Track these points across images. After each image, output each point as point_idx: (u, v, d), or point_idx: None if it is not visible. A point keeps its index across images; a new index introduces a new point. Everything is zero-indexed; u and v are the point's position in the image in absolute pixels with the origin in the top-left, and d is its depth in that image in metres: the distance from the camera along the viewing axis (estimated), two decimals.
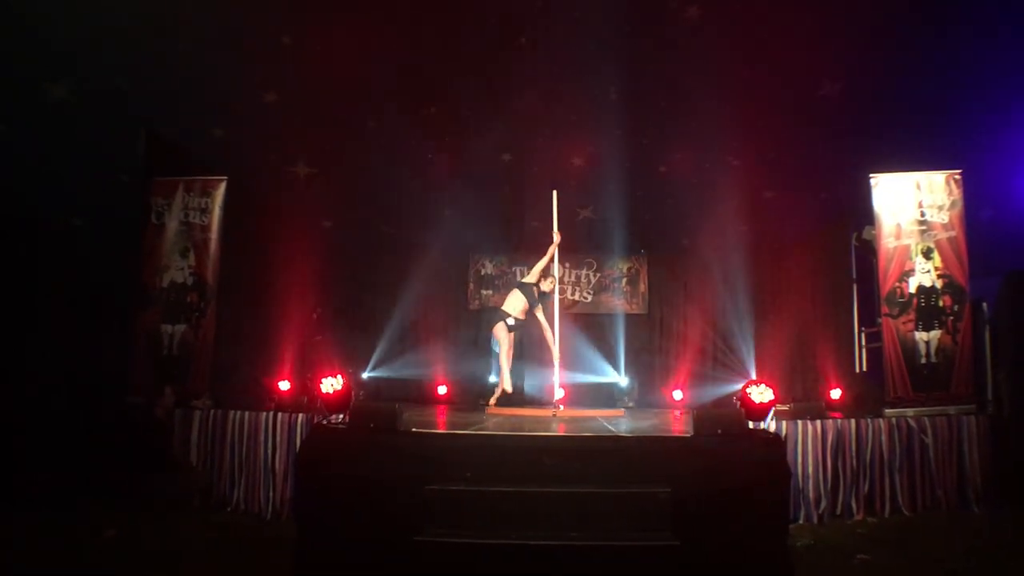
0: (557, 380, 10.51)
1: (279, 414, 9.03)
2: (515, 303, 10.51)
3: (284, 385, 10.65)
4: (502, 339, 10.49)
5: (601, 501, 6.11)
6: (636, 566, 5.80)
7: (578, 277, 14.81)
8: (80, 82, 10.34)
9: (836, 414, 9.66)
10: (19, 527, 7.71)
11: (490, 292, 14.75)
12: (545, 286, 10.57)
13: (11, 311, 9.82)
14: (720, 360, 13.99)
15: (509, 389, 10.61)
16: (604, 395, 13.64)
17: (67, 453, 8.99)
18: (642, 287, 14.75)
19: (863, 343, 11.71)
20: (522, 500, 6.08)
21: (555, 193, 10.50)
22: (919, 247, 9.96)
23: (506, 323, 10.47)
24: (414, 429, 6.86)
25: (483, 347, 14.21)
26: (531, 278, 10.55)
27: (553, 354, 10.46)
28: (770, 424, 8.45)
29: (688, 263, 14.59)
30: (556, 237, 10.42)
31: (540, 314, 10.54)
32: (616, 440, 6.83)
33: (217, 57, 10.38)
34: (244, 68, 10.78)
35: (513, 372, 10.92)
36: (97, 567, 6.77)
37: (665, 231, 14.21)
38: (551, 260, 10.44)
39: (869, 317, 11.26)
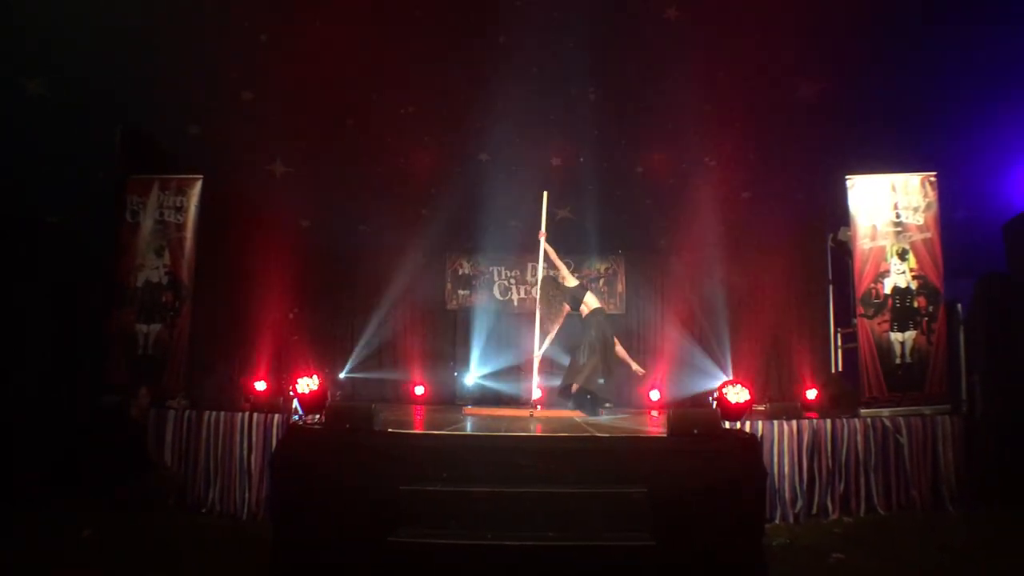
0: (535, 380, 10.50)
1: (255, 414, 8.99)
2: (592, 299, 10.48)
3: (260, 385, 10.60)
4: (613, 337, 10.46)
5: (577, 501, 6.11)
6: (612, 566, 5.80)
7: None
8: (55, 79, 10.27)
9: (812, 414, 9.71)
10: None
11: (467, 292, 14.71)
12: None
13: None
14: (697, 360, 14.01)
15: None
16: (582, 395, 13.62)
17: (41, 453, 8.92)
18: (619, 287, 14.74)
19: (839, 343, 11.77)
20: (498, 500, 6.07)
21: (545, 194, 10.54)
22: (894, 248, 10.02)
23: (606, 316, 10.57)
24: (390, 429, 6.85)
25: (460, 346, 14.26)
26: (569, 278, 10.56)
27: (533, 354, 10.47)
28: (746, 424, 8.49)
29: (665, 263, 14.59)
30: (542, 239, 10.42)
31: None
32: (593, 440, 6.84)
33: (194, 55, 10.33)
34: (221, 66, 10.73)
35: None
36: (71, 566, 6.72)
37: (642, 232, 14.22)
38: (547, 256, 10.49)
39: (845, 318, 11.32)
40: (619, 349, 10.57)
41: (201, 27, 10.07)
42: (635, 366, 10.77)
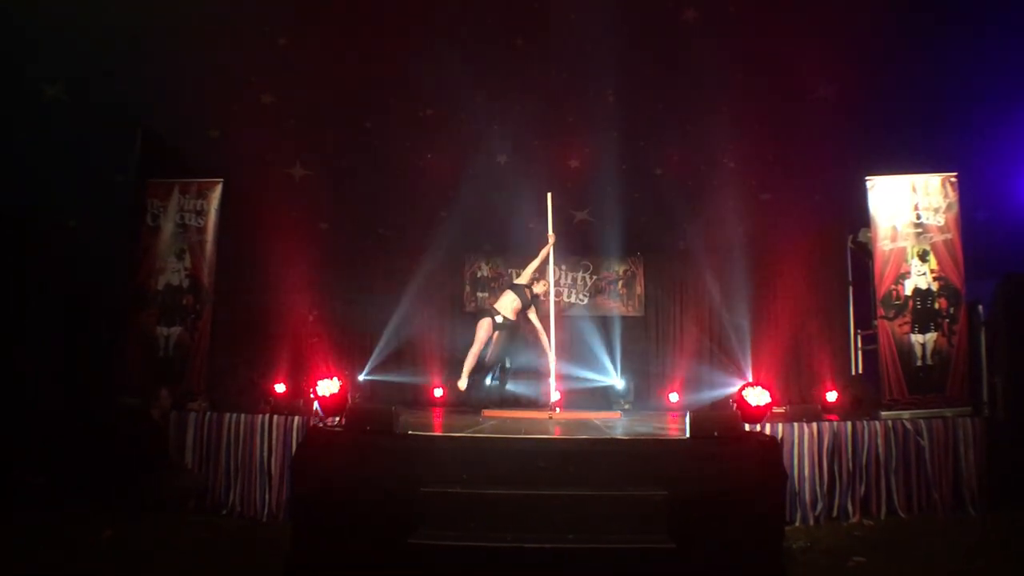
0: (553, 383, 10.50)
1: (275, 416, 9.03)
2: (506, 303, 10.55)
3: (280, 387, 10.64)
4: (479, 334, 10.47)
5: (597, 504, 6.10)
6: (632, 568, 5.79)
7: (574, 279, 14.80)
8: (76, 82, 10.34)
9: (832, 416, 9.68)
10: (13, 528, 7.69)
11: (486, 294, 14.74)
12: (538, 288, 10.64)
13: (6, 312, 9.80)
14: (716, 362, 14.00)
15: (463, 386, 10.62)
16: (600, 397, 13.62)
17: (63, 454, 8.97)
18: (638, 289, 14.75)
19: (859, 345, 11.73)
20: (518, 502, 6.06)
21: (549, 196, 10.53)
22: (915, 249, 9.96)
23: (493, 320, 10.48)
24: (410, 431, 6.84)
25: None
26: (523, 279, 10.58)
27: (549, 357, 10.46)
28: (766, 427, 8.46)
29: (684, 265, 14.59)
30: (550, 239, 10.44)
31: (533, 316, 10.60)
32: (612, 443, 6.83)
33: (213, 58, 10.37)
34: (240, 69, 10.78)
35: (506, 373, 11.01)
36: (92, 568, 6.76)
37: (661, 233, 14.23)
38: (544, 261, 10.48)
39: (865, 319, 11.27)
40: (470, 355, 10.67)
41: (221, 31, 10.11)
42: (463, 380, 10.72)
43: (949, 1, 9.70)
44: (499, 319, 10.43)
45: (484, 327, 10.46)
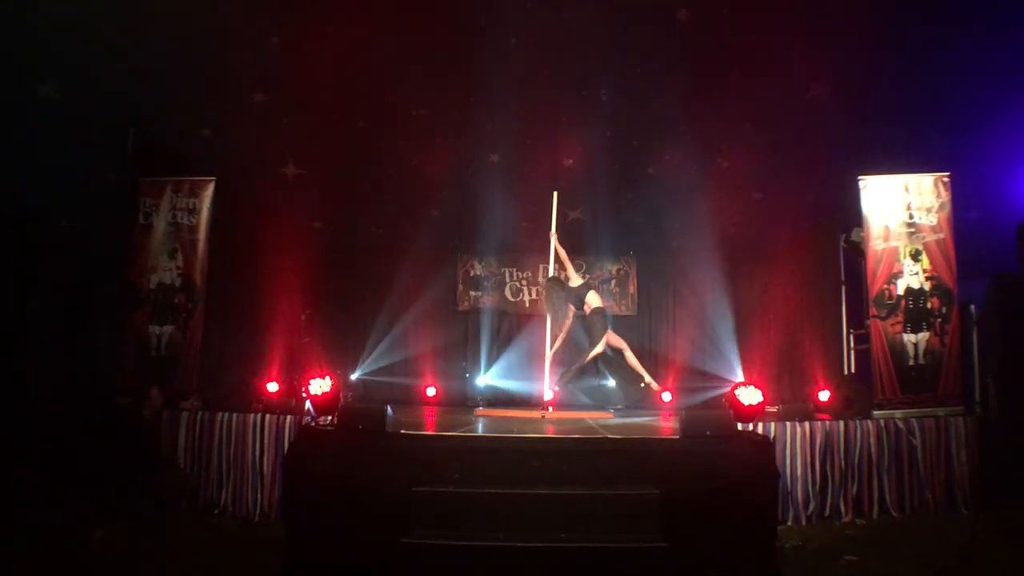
0: (547, 382, 10.49)
1: (267, 416, 9.00)
2: (599, 299, 10.35)
3: (272, 386, 10.61)
4: (602, 337, 10.19)
5: (590, 503, 6.11)
6: (624, 568, 5.79)
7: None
8: (67, 82, 10.30)
9: (824, 416, 9.68)
10: (13, 528, 7.68)
11: (479, 293, 14.72)
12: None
13: (6, 312, 9.77)
14: (709, 362, 13.99)
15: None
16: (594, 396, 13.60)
17: (55, 454, 8.95)
18: (631, 288, 14.74)
19: (851, 345, 11.71)
20: (510, 502, 6.07)
21: (556, 195, 10.53)
22: (907, 249, 9.98)
23: (607, 318, 10.34)
24: (402, 431, 6.84)
25: (472, 347, 14.27)
26: (576, 276, 10.50)
27: (546, 356, 10.46)
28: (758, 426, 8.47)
29: (677, 265, 14.57)
30: (553, 239, 10.40)
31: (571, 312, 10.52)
32: (605, 442, 6.83)
33: (206, 57, 10.35)
34: (233, 68, 10.75)
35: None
36: (84, 569, 6.74)
37: (654, 233, 14.21)
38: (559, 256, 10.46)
39: (857, 319, 11.27)
40: (631, 358, 10.53)
41: (213, 30, 10.09)
42: (647, 378, 10.55)
43: (942, 1, 9.72)
44: (608, 317, 10.33)
45: (607, 328, 10.27)
